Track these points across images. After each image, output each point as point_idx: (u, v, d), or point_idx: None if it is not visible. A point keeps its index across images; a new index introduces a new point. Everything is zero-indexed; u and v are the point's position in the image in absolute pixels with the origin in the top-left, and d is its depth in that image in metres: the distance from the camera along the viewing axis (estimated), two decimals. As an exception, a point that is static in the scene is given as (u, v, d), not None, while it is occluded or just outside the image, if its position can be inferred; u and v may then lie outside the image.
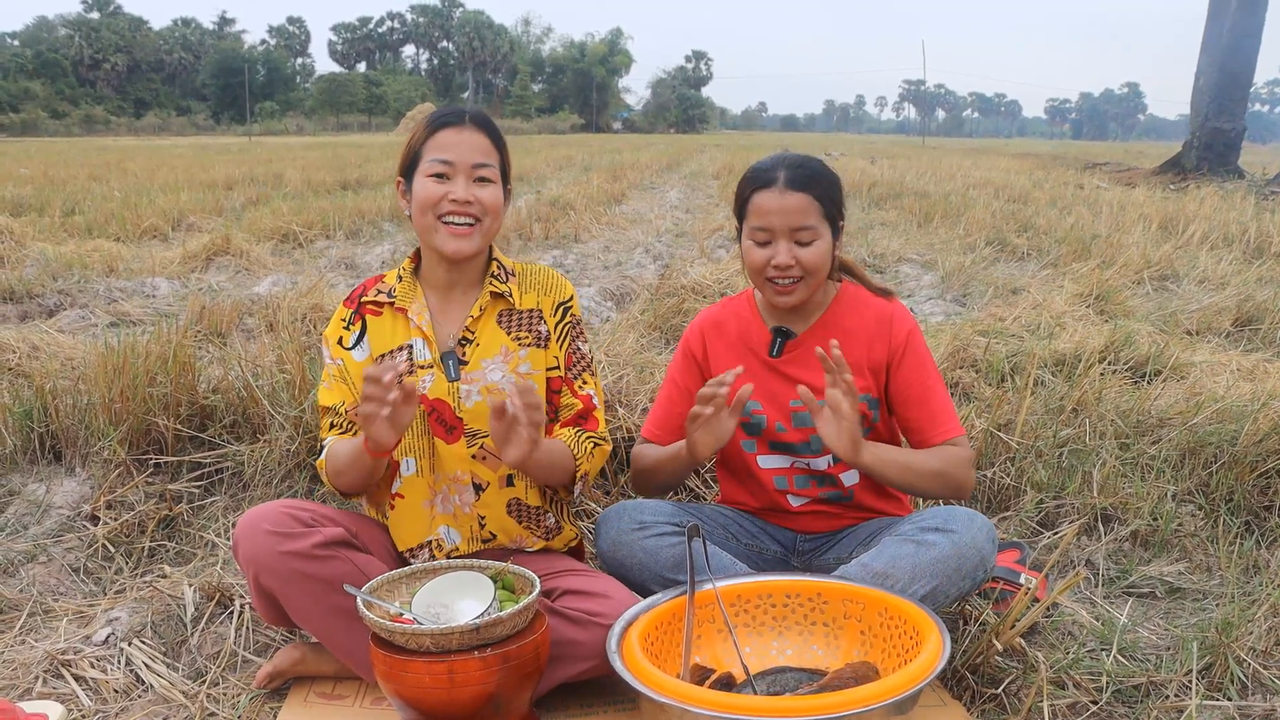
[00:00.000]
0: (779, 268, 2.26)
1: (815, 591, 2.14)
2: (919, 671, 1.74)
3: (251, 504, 3.11)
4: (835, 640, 2.12)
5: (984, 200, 12.90)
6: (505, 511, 2.27)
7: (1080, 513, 3.09)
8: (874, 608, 2.07)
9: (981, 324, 5.39)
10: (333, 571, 2.04)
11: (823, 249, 2.26)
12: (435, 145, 2.16)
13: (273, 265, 7.81)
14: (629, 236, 9.87)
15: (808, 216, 2.24)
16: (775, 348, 2.38)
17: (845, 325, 2.36)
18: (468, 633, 1.82)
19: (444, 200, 2.15)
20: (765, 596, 2.15)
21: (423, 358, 2.23)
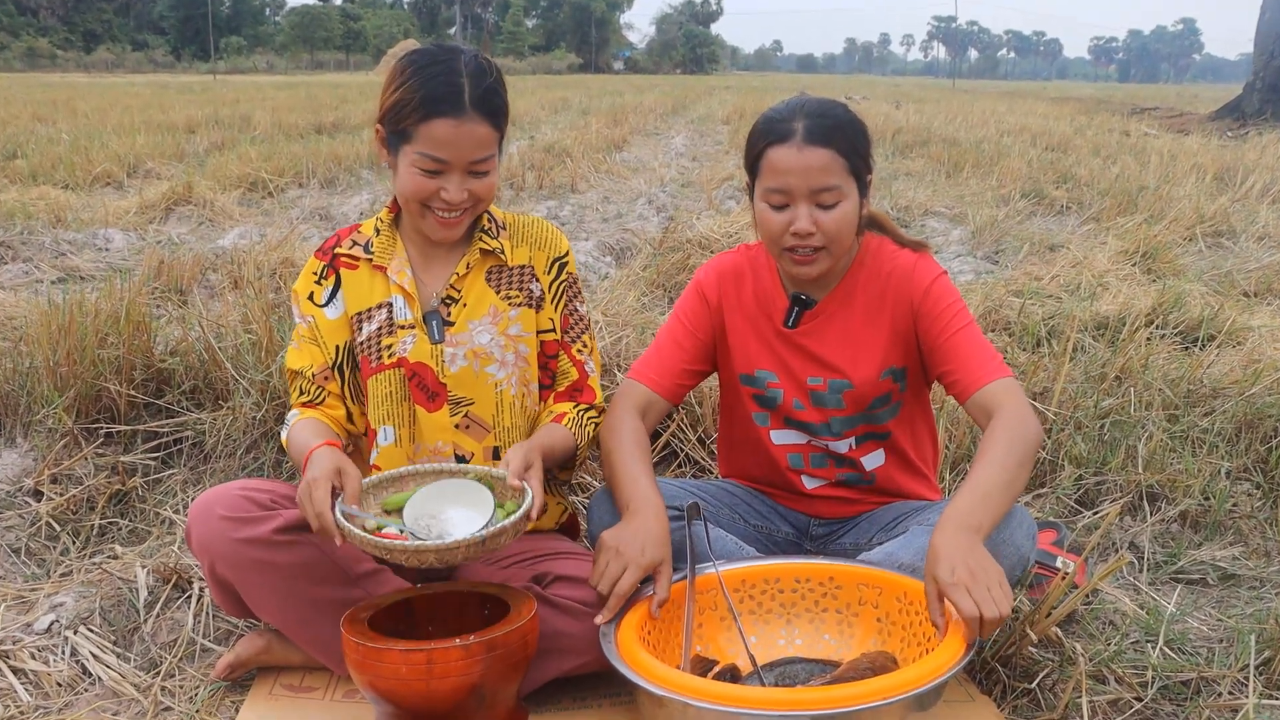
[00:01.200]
0: (798, 235, 2.14)
1: (827, 575, 2.12)
2: (943, 662, 1.71)
3: (213, 477, 3.09)
4: (849, 629, 2.10)
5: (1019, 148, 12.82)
6: None
7: (1123, 491, 3.07)
8: (892, 592, 2.05)
9: (1016, 283, 5.35)
10: (295, 558, 2.01)
11: (848, 212, 2.15)
12: (428, 136, 2.04)
13: (239, 216, 7.76)
14: (630, 186, 9.82)
15: (830, 175, 2.11)
16: (791, 318, 2.30)
17: (868, 290, 2.28)
18: (474, 545, 1.83)
19: (434, 197, 2.10)
20: (772, 581, 2.13)
21: (403, 317, 2.21)
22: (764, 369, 2.31)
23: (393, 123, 2.08)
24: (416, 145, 2.06)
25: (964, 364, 2.16)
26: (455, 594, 2.07)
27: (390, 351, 2.19)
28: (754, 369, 2.33)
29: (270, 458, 3.16)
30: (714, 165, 11.59)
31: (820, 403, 2.30)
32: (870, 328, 2.26)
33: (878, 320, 2.26)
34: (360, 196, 8.87)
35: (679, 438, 3.26)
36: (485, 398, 2.21)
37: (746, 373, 2.34)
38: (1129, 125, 18.72)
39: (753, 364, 2.33)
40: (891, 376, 2.27)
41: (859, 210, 2.18)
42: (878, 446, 2.35)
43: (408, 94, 2.04)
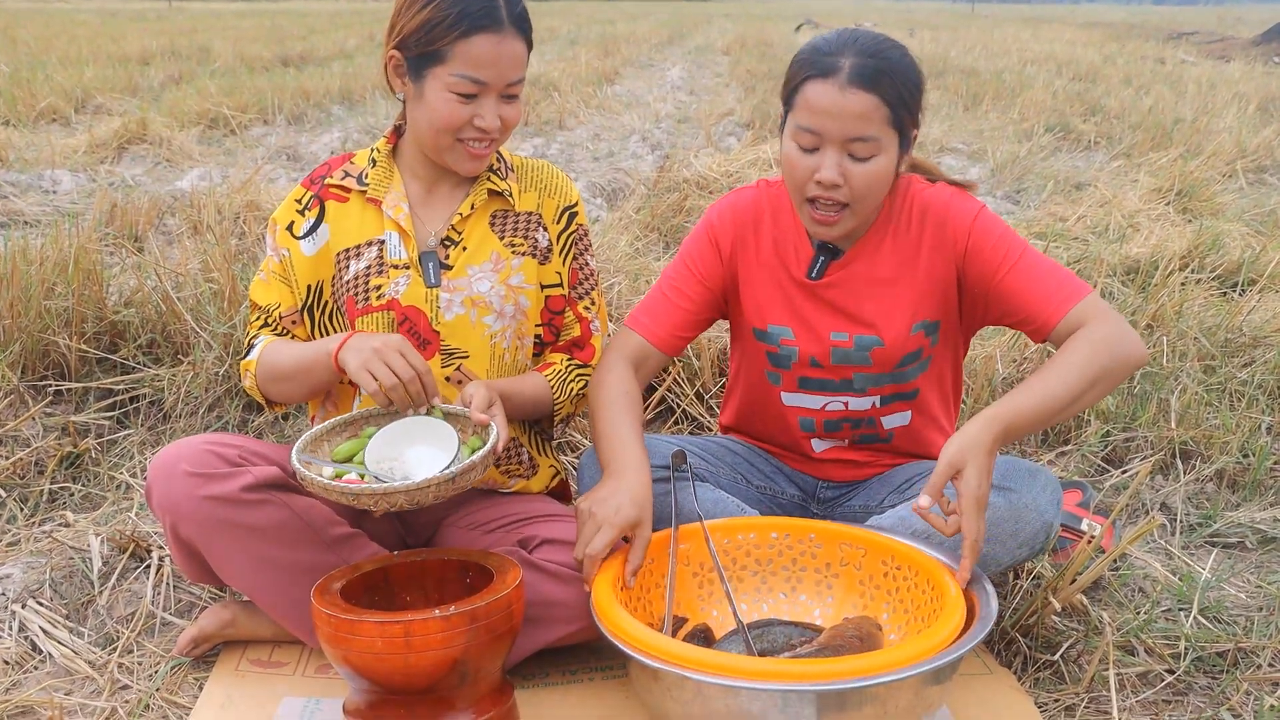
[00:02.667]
0: (823, 185, 2.07)
1: (807, 533, 2.13)
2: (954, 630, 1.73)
3: (173, 437, 3.08)
4: (828, 590, 2.12)
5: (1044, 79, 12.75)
6: None
7: (1155, 448, 3.07)
8: (877, 555, 2.06)
9: (1039, 224, 5.34)
10: (265, 518, 2.01)
11: (882, 168, 2.06)
12: (467, 55, 2.03)
13: (199, 155, 7.70)
14: (622, 123, 9.77)
15: (869, 124, 2.02)
16: (816, 268, 2.24)
17: (901, 235, 2.21)
18: (444, 484, 1.86)
19: (468, 125, 2.09)
20: (748, 536, 2.14)
21: (397, 256, 2.19)
22: (778, 324, 2.27)
23: (421, 44, 2.05)
24: (452, 66, 2.04)
25: (1033, 298, 2.09)
26: (435, 562, 2.06)
27: (380, 293, 2.17)
28: (767, 324, 2.28)
29: (235, 416, 3.15)
30: (713, 99, 11.52)
31: (843, 359, 2.25)
32: (903, 277, 2.20)
33: (912, 268, 2.20)
34: (331, 134, 8.80)
35: (675, 392, 3.26)
36: (480, 350, 2.20)
37: (759, 327, 2.30)
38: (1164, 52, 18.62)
39: (765, 318, 2.28)
40: (924, 330, 2.23)
41: (895, 168, 2.11)
42: (905, 407, 2.32)
43: (439, 11, 2.03)
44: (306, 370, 2.10)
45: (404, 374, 1.96)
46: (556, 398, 2.24)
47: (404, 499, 1.85)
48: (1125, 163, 7.61)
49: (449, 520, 2.30)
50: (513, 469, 2.31)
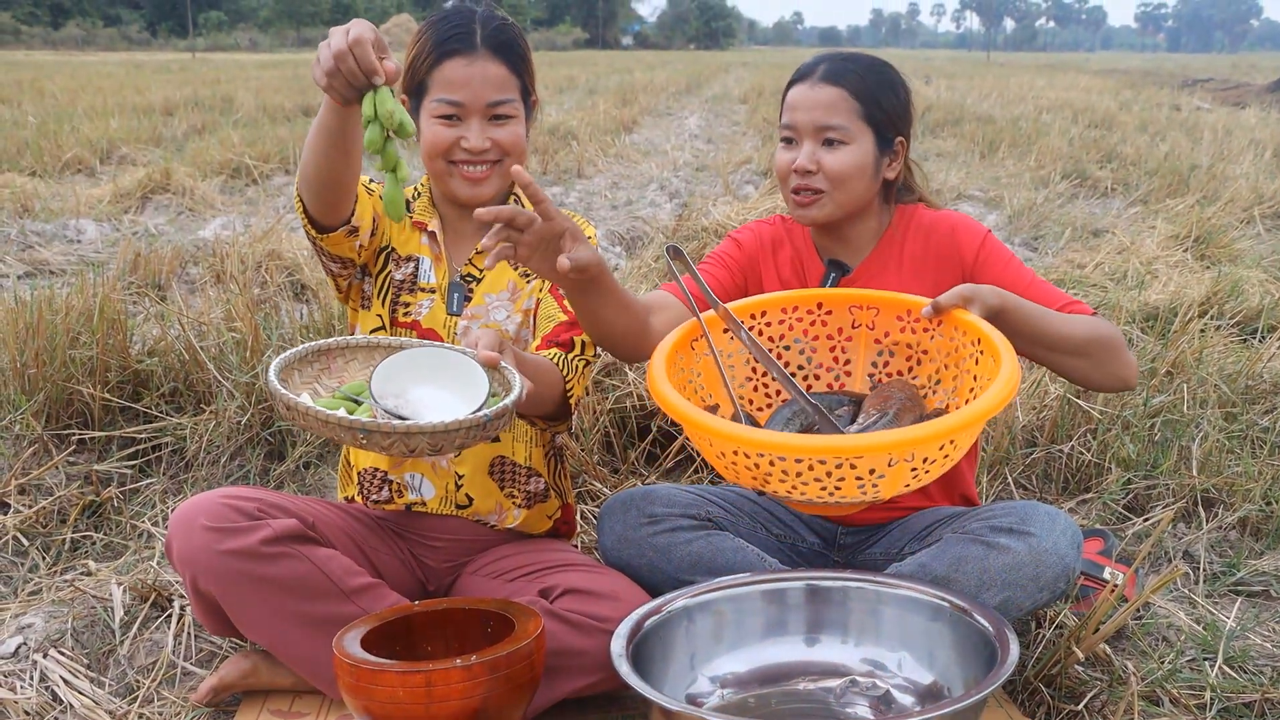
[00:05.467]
0: (799, 172, 2.24)
1: (815, 302, 2.20)
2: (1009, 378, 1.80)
3: (195, 487, 3.09)
4: (845, 354, 2.20)
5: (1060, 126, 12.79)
6: (487, 471, 2.31)
7: (1176, 495, 3.05)
8: (891, 310, 2.13)
9: (1057, 271, 5.34)
10: (285, 571, 2.01)
11: (854, 157, 2.23)
12: (441, 80, 2.17)
13: (221, 205, 7.78)
14: (641, 171, 9.82)
15: (835, 113, 2.22)
16: (828, 282, 2.34)
17: (905, 253, 2.33)
18: (476, 428, 1.78)
19: (455, 147, 2.20)
20: (759, 315, 2.20)
21: (427, 279, 2.30)
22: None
23: (411, 81, 2.20)
24: (433, 93, 2.18)
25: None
26: (456, 611, 2.06)
27: (407, 311, 2.29)
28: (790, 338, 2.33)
29: (256, 465, 3.16)
30: (731, 147, 11.58)
31: None
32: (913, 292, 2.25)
33: (919, 287, 2.28)
34: (359, 178, 8.88)
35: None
36: None
37: None
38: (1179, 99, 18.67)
39: None
40: None
41: (875, 164, 2.26)
42: None
43: (421, 47, 2.19)
44: (319, 119, 1.95)
45: (334, 46, 1.76)
46: (569, 383, 2.22)
47: (426, 441, 1.75)
48: (1142, 209, 7.61)
49: (470, 568, 2.32)
50: (518, 495, 2.34)
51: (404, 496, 2.31)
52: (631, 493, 2.32)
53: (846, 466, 1.74)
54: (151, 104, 14.99)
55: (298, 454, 3.20)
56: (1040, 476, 3.21)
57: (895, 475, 1.77)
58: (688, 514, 2.26)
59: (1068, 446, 3.21)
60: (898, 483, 1.79)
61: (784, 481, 1.79)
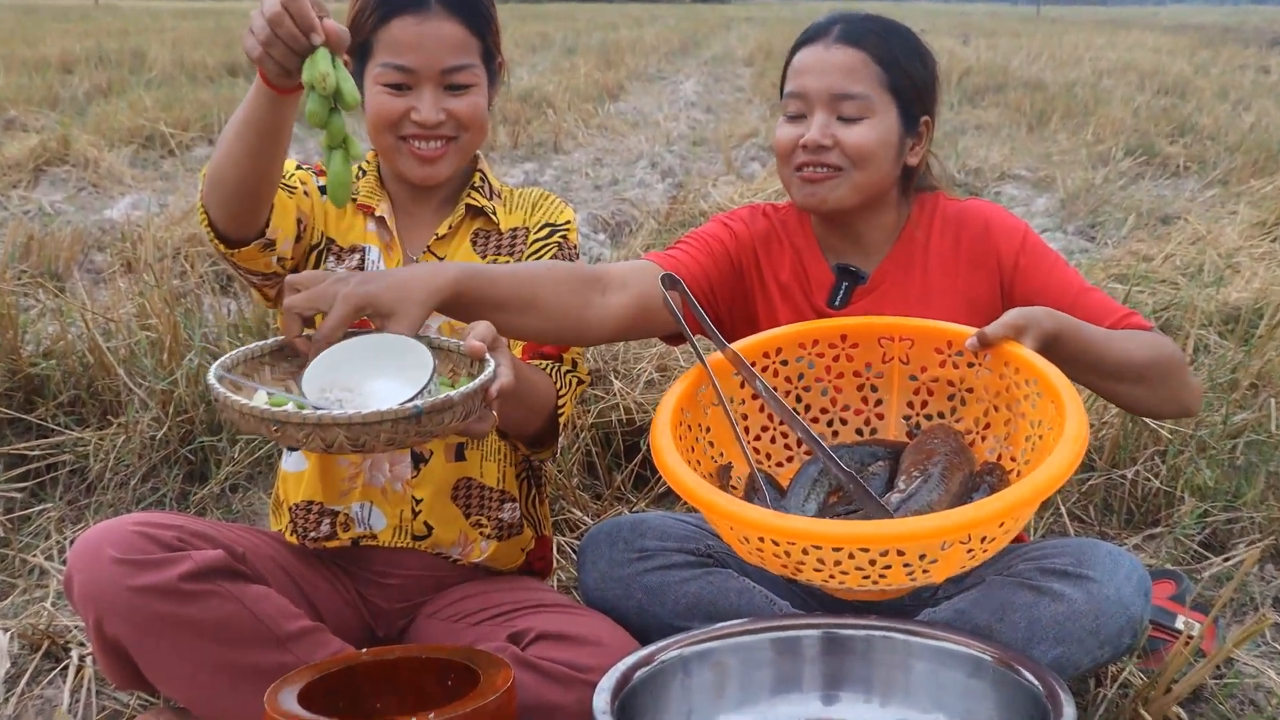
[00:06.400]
0: (808, 147, 2.20)
1: (838, 334, 2.19)
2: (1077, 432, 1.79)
3: (100, 513, 3.08)
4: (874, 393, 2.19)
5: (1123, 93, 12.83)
6: (450, 495, 2.30)
7: (1263, 531, 3.05)
8: (928, 342, 2.13)
9: (1118, 265, 5.34)
10: (209, 612, 2.00)
11: (877, 132, 2.20)
12: (388, 41, 2.16)
13: (131, 180, 7.76)
14: (628, 145, 9.83)
15: (856, 79, 2.19)
16: (838, 295, 2.31)
17: (930, 253, 2.31)
18: (405, 420, 1.73)
19: (404, 120, 2.19)
20: (773, 354, 2.19)
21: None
22: None
23: (355, 43, 2.16)
24: (378, 56, 2.17)
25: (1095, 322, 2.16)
26: (411, 660, 2.05)
27: None
28: None
29: (174, 489, 3.16)
30: (734, 118, 11.59)
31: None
32: (940, 300, 2.27)
33: (949, 289, 2.28)
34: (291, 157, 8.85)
35: (693, 462, 3.26)
36: None
37: None
38: (1268, 59, 18.73)
39: None
40: None
41: (898, 144, 2.24)
42: None
43: (364, 1, 2.17)
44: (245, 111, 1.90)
45: (267, 8, 1.73)
46: (562, 397, 2.26)
47: (344, 434, 1.71)
48: (1221, 191, 7.64)
49: (428, 610, 2.31)
50: (487, 525, 2.33)
51: (350, 530, 2.30)
52: (618, 522, 2.31)
53: (893, 553, 1.73)
54: (46, 58, 14.94)
55: (223, 474, 3.20)
56: (1100, 508, 3.22)
57: (949, 558, 1.77)
58: (684, 548, 2.25)
59: (1132, 472, 3.21)
60: (952, 565, 1.78)
61: (819, 570, 1.77)
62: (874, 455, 2.11)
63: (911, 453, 2.04)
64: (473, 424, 1.88)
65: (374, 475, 2.28)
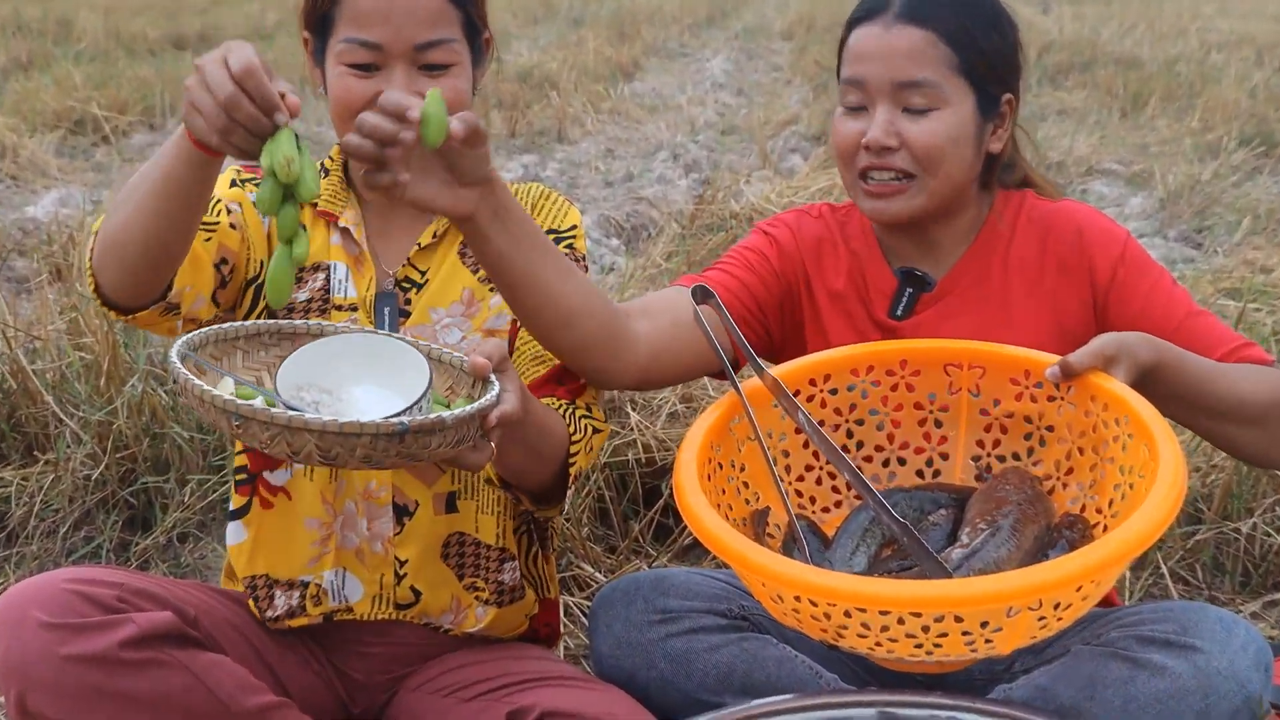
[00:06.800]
0: (871, 147, 2.20)
1: (898, 359, 2.17)
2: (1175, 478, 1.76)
3: (24, 566, 3.09)
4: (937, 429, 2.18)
5: (1238, 70, 12.74)
6: (440, 554, 2.29)
7: None
8: (1001, 370, 2.10)
9: (1229, 277, 5.32)
10: (156, 686, 2.00)
11: (950, 126, 2.19)
12: (352, 13, 2.14)
13: (59, 172, 7.77)
14: (645, 134, 9.83)
15: (922, 64, 2.19)
16: (901, 303, 2.32)
17: (1011, 260, 2.31)
18: (386, 437, 1.73)
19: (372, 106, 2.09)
20: (820, 381, 2.17)
21: (343, 294, 2.27)
22: None
23: (313, 14, 2.18)
24: (340, 32, 2.14)
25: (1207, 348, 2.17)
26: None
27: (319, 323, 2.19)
28: None
29: (112, 537, 3.16)
30: (770, 102, 11.58)
31: None
32: (1020, 313, 2.28)
33: (1032, 301, 2.28)
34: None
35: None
36: None
37: None
38: None
39: None
40: None
41: (976, 135, 2.23)
42: None
43: None
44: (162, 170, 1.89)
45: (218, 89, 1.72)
46: (573, 434, 2.22)
47: (315, 444, 1.72)
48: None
49: (412, 682, 2.31)
50: (485, 588, 2.32)
51: (321, 605, 2.28)
52: (636, 579, 2.32)
53: (950, 619, 1.71)
54: (-43, 29, 14.97)
55: (170, 521, 3.20)
56: (1209, 567, 3.21)
57: (1017, 627, 1.74)
58: (714, 609, 2.24)
59: (1248, 526, 3.20)
60: (1020, 635, 1.76)
61: (864, 637, 1.76)
62: (935, 502, 2.11)
63: (979, 500, 2.03)
64: (465, 453, 1.87)
65: (347, 536, 2.26)
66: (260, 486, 2.28)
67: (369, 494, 2.24)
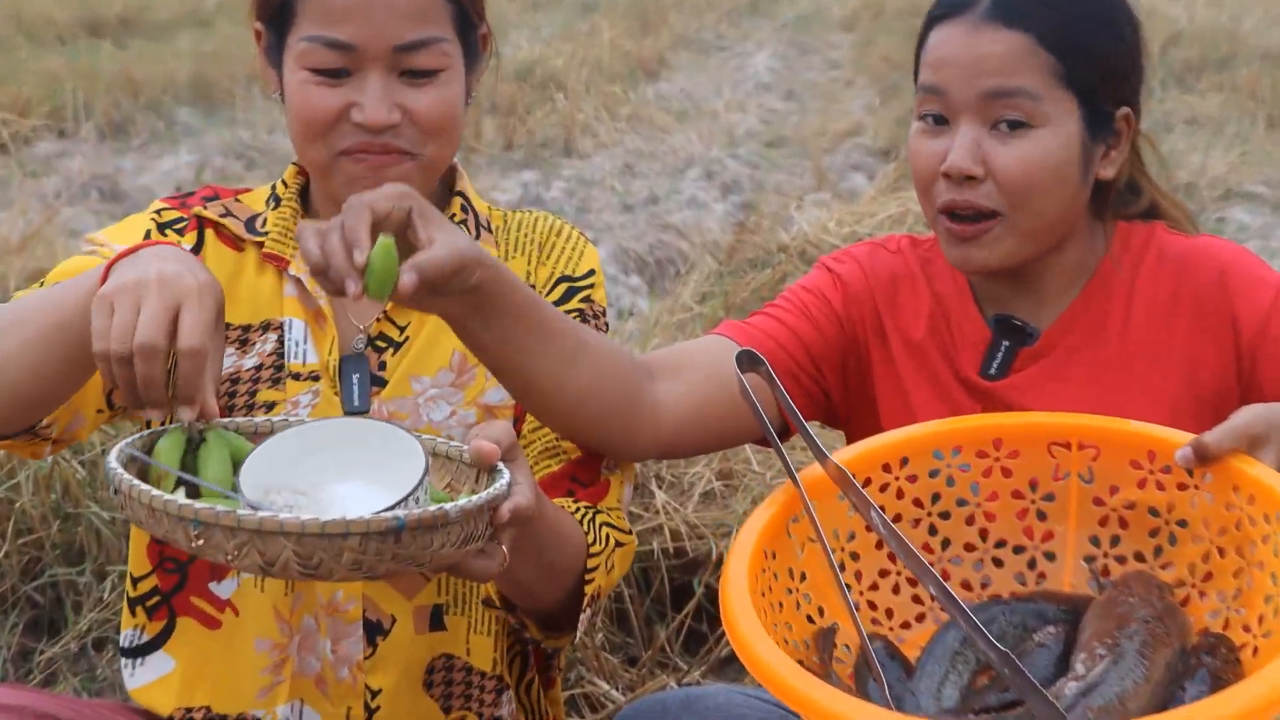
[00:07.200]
0: (952, 176, 2.17)
1: (991, 438, 2.10)
2: None
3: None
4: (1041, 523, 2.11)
5: None
6: (422, 683, 2.27)
7: None
8: (1119, 450, 2.03)
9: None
10: None
11: (1046, 149, 2.16)
12: (316, 3, 2.11)
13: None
14: (672, 146, 9.83)
15: (1016, 73, 2.15)
16: (996, 360, 2.30)
17: (1134, 303, 2.28)
18: (379, 537, 1.69)
19: (341, 122, 2.13)
20: (896, 466, 2.11)
21: (301, 359, 2.24)
22: None
23: (270, 6, 2.15)
24: (303, 28, 2.11)
25: None
26: None
27: (269, 417, 2.14)
28: None
29: (10, 643, 3.17)
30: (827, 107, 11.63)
31: None
32: (1143, 374, 2.26)
33: (1159, 359, 2.27)
34: (175, 156, 8.94)
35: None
36: None
37: None
38: None
39: None
40: None
41: (1081, 159, 2.20)
42: None
43: None
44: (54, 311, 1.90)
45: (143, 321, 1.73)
46: (592, 545, 2.17)
47: (292, 551, 1.69)
48: None
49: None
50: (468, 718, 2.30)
51: None
52: (663, 700, 2.31)
53: None
54: None
55: (84, 623, 3.21)
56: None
57: None
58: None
59: None
60: None
61: None
62: (1042, 616, 2.06)
63: (1097, 616, 1.96)
64: (471, 558, 1.84)
65: (305, 660, 2.22)
66: (192, 603, 2.23)
67: (334, 607, 2.20)
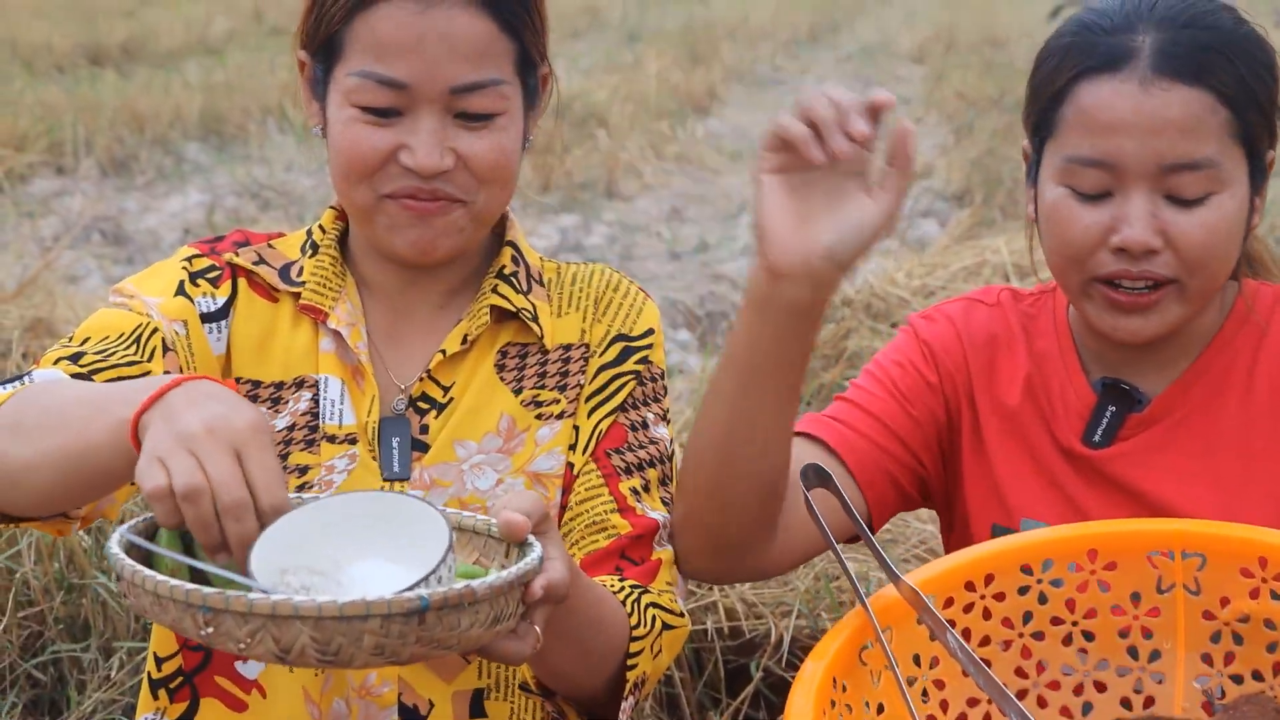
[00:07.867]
0: (1130, 250, 2.14)
1: (1084, 549, 2.08)
2: None
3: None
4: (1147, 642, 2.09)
5: None
6: None
7: None
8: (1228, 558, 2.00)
9: None
10: None
11: (1227, 215, 2.16)
12: (369, 39, 2.14)
13: (-64, 230, 7.86)
14: (724, 189, 9.85)
15: (1200, 140, 2.14)
16: (1101, 426, 2.31)
17: (1257, 369, 2.29)
18: (402, 619, 1.70)
19: (390, 164, 2.15)
20: (981, 584, 2.08)
21: (337, 420, 2.25)
22: (1037, 520, 2.30)
23: (317, 33, 2.18)
24: (352, 62, 2.14)
25: None
26: None
27: (305, 483, 2.20)
28: (1018, 520, 2.33)
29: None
30: (896, 146, 11.58)
31: None
32: (1266, 459, 2.26)
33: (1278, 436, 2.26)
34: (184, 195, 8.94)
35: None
36: None
37: (1003, 524, 2.34)
38: None
39: (1014, 510, 2.34)
40: None
41: (1248, 212, 2.21)
42: None
43: None
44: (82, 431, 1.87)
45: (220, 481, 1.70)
46: (635, 628, 2.16)
47: (309, 636, 1.69)
48: None
49: None
50: None
51: None
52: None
53: None
54: None
55: (89, 703, 3.22)
56: None
57: None
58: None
59: None
60: None
61: None
62: None
63: None
64: (502, 640, 1.83)
65: None
66: (216, 683, 2.24)
67: (366, 690, 2.21)
